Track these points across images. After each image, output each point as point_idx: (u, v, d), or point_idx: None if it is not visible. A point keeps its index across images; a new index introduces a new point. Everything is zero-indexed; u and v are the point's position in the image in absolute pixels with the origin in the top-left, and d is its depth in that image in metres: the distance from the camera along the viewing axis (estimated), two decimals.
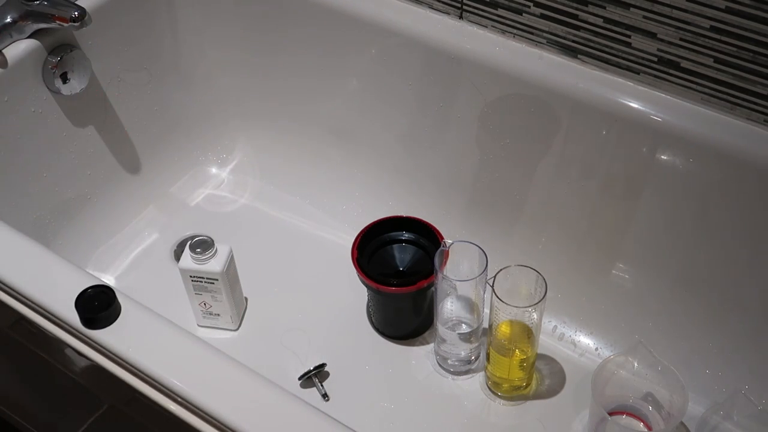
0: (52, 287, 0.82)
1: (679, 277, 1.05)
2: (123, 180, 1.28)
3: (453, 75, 1.10)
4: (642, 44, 0.96)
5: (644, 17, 0.94)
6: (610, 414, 1.01)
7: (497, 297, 0.96)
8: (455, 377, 1.10)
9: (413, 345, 1.14)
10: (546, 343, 1.12)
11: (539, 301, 0.96)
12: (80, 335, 0.79)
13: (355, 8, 1.14)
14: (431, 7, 1.11)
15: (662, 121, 0.97)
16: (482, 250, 0.99)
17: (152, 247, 1.28)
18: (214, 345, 0.78)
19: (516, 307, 0.96)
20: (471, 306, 1.06)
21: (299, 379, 1.07)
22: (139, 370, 0.76)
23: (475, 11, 1.08)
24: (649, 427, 1.02)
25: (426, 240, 1.11)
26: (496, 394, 1.07)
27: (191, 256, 1.06)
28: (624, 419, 1.03)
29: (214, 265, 1.06)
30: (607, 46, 0.99)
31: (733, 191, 0.96)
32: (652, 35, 0.95)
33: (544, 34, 1.04)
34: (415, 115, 1.19)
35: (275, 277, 1.23)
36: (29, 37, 1.08)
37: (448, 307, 1.06)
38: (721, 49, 0.91)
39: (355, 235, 1.11)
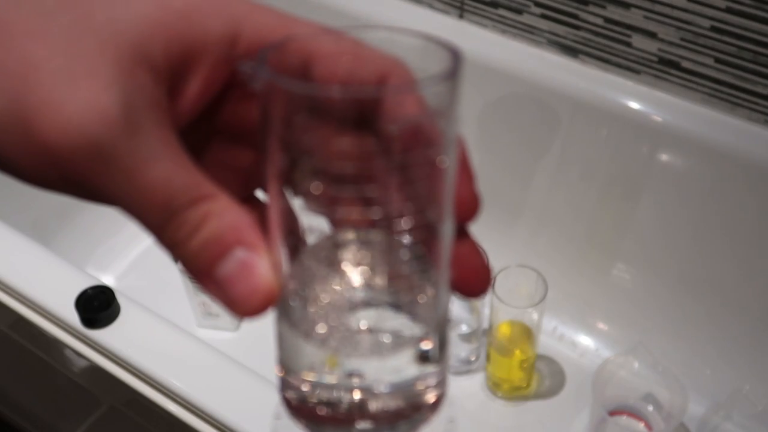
0: (52, 287, 0.82)
1: (680, 278, 1.05)
2: None
3: None
4: (642, 44, 0.96)
5: (645, 17, 0.94)
6: (611, 414, 1.01)
7: (497, 297, 0.96)
8: (455, 377, 1.10)
9: None
10: (546, 343, 1.12)
11: (539, 302, 0.96)
12: (80, 335, 0.79)
13: (353, 7, 1.14)
14: (431, 7, 1.11)
15: (662, 121, 0.97)
16: (482, 250, 0.99)
17: (152, 247, 1.27)
18: (214, 345, 0.78)
19: (516, 307, 0.96)
20: (471, 306, 1.06)
21: None
22: (139, 371, 0.76)
23: (476, 11, 1.08)
24: (649, 428, 1.02)
25: None
26: (496, 395, 1.07)
27: None
28: (624, 419, 1.03)
29: None
30: (607, 45, 0.99)
31: (734, 191, 0.96)
32: (653, 35, 0.95)
33: (545, 34, 1.04)
34: None
35: None
36: None
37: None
38: (721, 48, 0.91)
39: None
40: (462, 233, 0.27)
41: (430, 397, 0.26)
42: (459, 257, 0.27)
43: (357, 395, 0.25)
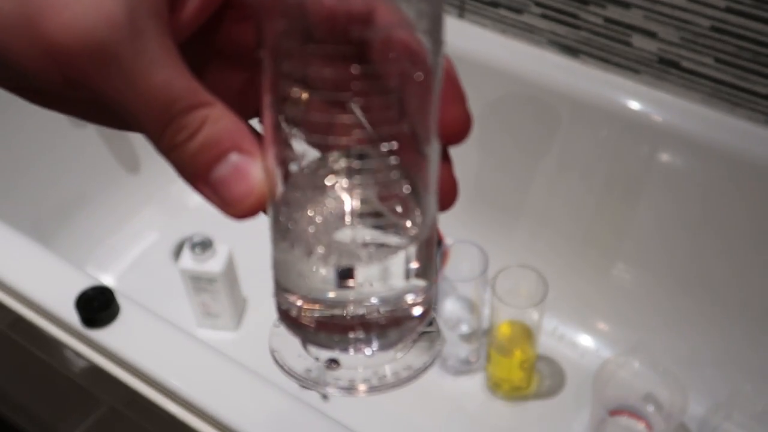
0: (52, 287, 0.82)
1: (680, 278, 1.05)
2: (122, 180, 1.28)
3: None
4: (642, 44, 0.96)
5: (645, 17, 0.94)
6: (611, 414, 1.01)
7: (497, 297, 0.96)
8: (455, 377, 1.10)
9: None
10: (546, 343, 1.12)
11: (539, 302, 0.96)
12: (80, 335, 0.79)
13: None
14: None
15: (662, 121, 0.97)
16: (482, 250, 0.99)
17: (152, 247, 1.28)
18: (214, 345, 0.78)
19: (516, 307, 0.96)
20: (471, 306, 1.06)
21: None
22: (139, 371, 0.76)
23: (476, 10, 1.08)
24: (649, 428, 1.02)
25: None
26: (496, 395, 1.07)
27: (191, 256, 1.06)
28: (624, 419, 1.03)
29: (214, 265, 1.06)
30: (607, 45, 0.99)
31: (734, 191, 0.96)
32: (653, 35, 0.95)
33: (545, 34, 1.04)
34: None
35: None
36: None
37: (449, 308, 1.06)
38: (721, 48, 0.91)
39: None
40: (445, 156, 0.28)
41: (417, 309, 0.28)
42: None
43: (350, 308, 0.27)
